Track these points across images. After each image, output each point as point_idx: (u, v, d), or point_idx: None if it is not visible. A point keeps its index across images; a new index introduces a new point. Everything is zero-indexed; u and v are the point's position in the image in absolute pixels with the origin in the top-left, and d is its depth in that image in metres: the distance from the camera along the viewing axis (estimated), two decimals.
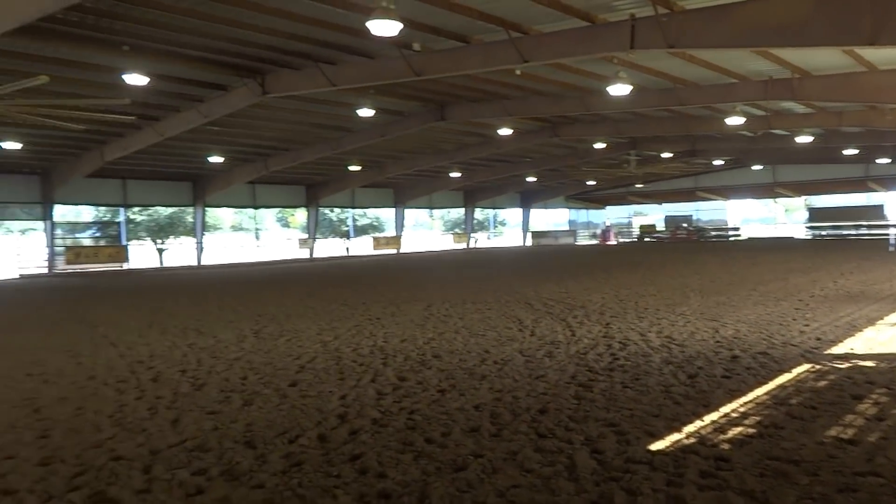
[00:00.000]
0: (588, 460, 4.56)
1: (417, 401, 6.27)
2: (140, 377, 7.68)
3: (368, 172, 35.93)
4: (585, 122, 26.81)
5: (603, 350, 8.41)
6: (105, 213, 37.54)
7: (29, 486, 4.43)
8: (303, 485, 4.30)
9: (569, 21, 13.48)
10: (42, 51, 14.70)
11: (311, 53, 15.89)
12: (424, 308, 13.12)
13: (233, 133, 25.09)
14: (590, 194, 54.11)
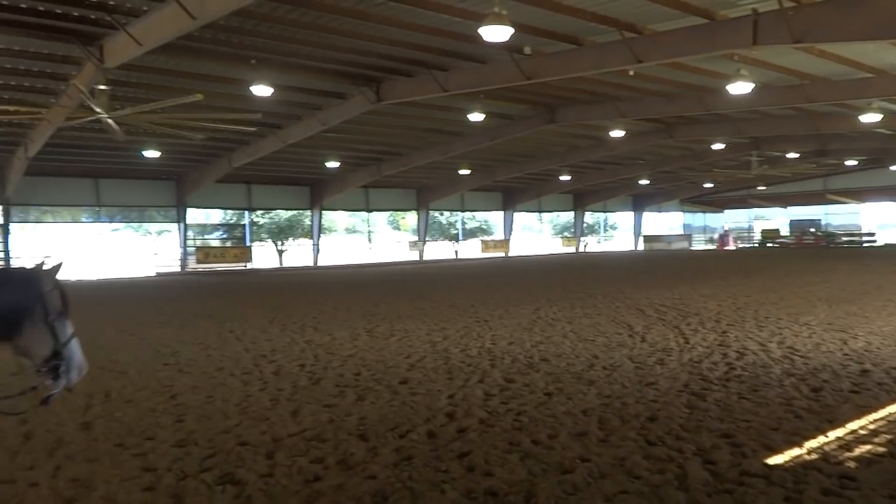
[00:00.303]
0: (700, 471, 4.45)
1: (524, 403, 6.31)
2: (263, 370, 8.17)
3: (478, 176, 36.22)
4: (703, 122, 25.79)
5: (718, 359, 8.10)
6: (231, 215, 39.91)
7: (167, 465, 4.85)
8: (412, 478, 4.46)
9: (686, 19, 13.07)
10: (178, 66, 15.96)
11: (424, 61, 16.27)
12: (532, 311, 13.11)
13: (348, 139, 26.05)
14: (707, 197, 51.88)
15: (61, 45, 14.09)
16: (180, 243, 33.04)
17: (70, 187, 29.58)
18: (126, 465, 4.87)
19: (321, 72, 17.01)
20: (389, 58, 16.15)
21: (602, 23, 13.25)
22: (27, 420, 6.10)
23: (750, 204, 51.92)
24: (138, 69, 15.58)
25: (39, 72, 15.96)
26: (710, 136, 28.41)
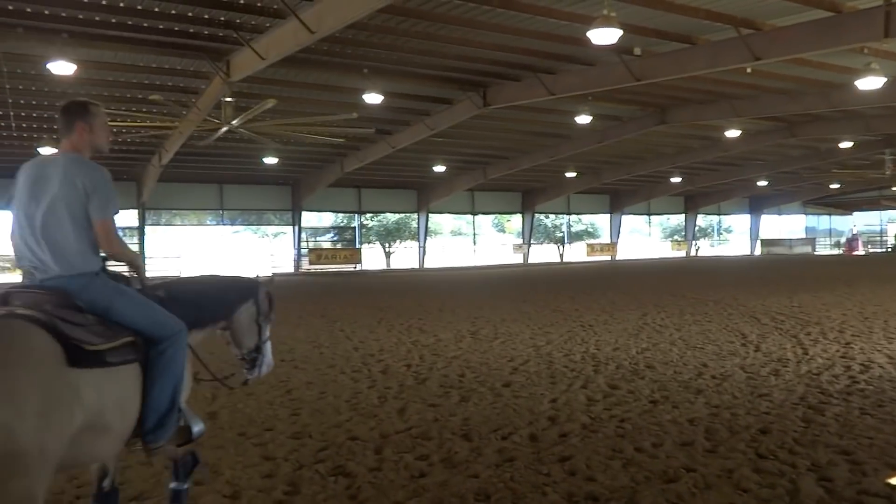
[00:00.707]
0: (814, 487, 4.27)
1: (628, 410, 6.25)
2: (371, 369, 8.50)
3: (584, 178, 35.77)
4: (828, 119, 24.27)
5: (840, 371, 7.67)
6: (342, 218, 41.47)
7: (284, 455, 5.19)
8: (514, 479, 4.55)
9: (810, 12, 12.42)
10: (297, 77, 16.84)
11: (531, 64, 16.34)
12: (639, 317, 12.85)
13: (455, 143, 26.47)
14: (833, 199, 48.66)
15: (192, 61, 15.23)
16: (294, 245, 34.67)
17: (197, 193, 31.81)
18: (248, 454, 5.24)
19: (429, 78, 17.45)
20: (496, 63, 16.34)
21: (717, 20, 12.83)
22: None
23: (882, 206, 48.22)
24: (260, 81, 16.56)
25: (173, 86, 17.30)
26: (836, 135, 26.69)
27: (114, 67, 15.82)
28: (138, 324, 3.15)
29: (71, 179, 3.11)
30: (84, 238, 3.13)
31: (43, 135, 20.96)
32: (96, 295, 3.11)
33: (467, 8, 12.46)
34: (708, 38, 14.09)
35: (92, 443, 2.88)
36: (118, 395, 2.99)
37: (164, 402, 3.21)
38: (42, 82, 16.45)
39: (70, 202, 3.09)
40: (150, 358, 3.17)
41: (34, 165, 3.29)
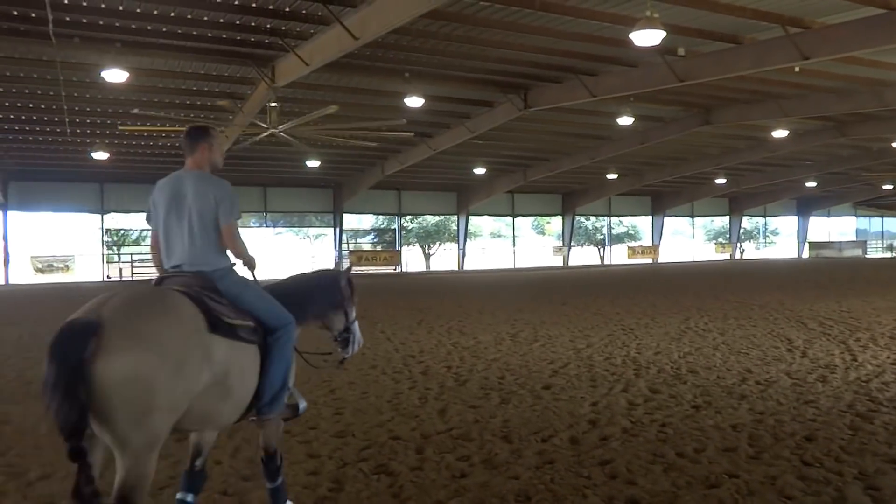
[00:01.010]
0: (861, 496, 4.21)
1: (670, 414, 6.22)
2: (412, 370, 8.61)
3: (626, 180, 35.40)
4: (881, 118, 23.56)
5: (890, 379, 7.48)
6: (382, 220, 41.84)
7: (328, 453, 5.31)
8: (555, 481, 4.59)
9: (860, 10, 12.12)
10: (339, 82, 17.10)
11: (573, 66, 16.29)
12: (681, 321, 12.70)
13: (495, 145, 26.49)
14: (885, 200, 47.15)
15: (238, 67, 15.60)
16: (335, 247, 35.12)
17: (242, 195, 32.27)
18: (293, 451, 5.38)
19: (470, 81, 17.53)
20: (537, 65, 16.34)
21: (763, 19, 12.62)
22: None
23: None
24: (303, 86, 16.86)
25: (220, 92, 17.73)
26: (890, 134, 25.89)
27: (163, 74, 16.31)
28: (259, 312, 3.70)
29: (203, 192, 3.73)
30: (216, 239, 3.75)
31: (96, 140, 21.69)
32: (229, 285, 3.70)
33: (509, 11, 12.50)
34: (754, 37, 13.85)
35: (215, 404, 3.33)
36: (241, 365, 3.47)
37: (278, 380, 3.73)
38: (96, 90, 17.03)
39: (203, 211, 3.71)
40: (267, 343, 3.68)
41: (168, 183, 3.85)
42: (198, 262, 3.68)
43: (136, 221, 32.69)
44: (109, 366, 2.82)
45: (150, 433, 2.95)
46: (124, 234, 33.22)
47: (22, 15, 12.51)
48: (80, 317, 2.94)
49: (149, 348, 2.93)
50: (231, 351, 3.37)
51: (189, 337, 3.13)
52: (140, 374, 2.86)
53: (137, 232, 34.13)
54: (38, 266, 29.76)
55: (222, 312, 3.41)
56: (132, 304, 3.07)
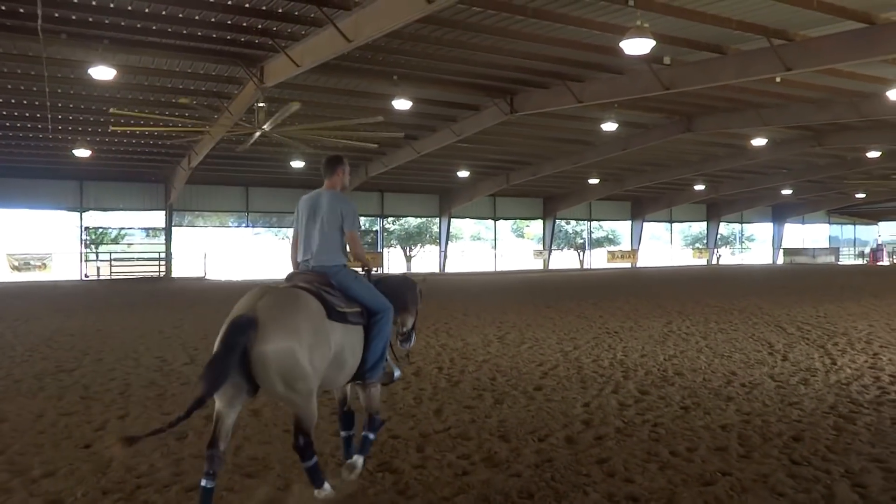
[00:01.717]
0: (849, 493, 4.40)
1: (660, 415, 6.39)
2: (403, 370, 8.61)
3: (607, 185, 35.78)
4: (857, 128, 24.13)
5: (869, 382, 7.74)
6: (364, 222, 41.82)
7: (330, 452, 5.39)
8: (555, 479, 4.72)
9: (843, 24, 12.46)
10: (328, 83, 17.14)
11: (560, 72, 16.49)
12: (664, 325, 12.92)
13: (479, 149, 26.66)
14: (858, 208, 48.19)
15: (226, 66, 15.57)
16: None
17: (224, 195, 32.30)
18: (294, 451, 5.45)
19: (458, 85, 17.66)
20: (525, 70, 16.52)
21: (748, 30, 12.91)
22: (207, 405, 6.94)
23: None
24: (290, 87, 16.86)
25: (207, 91, 17.67)
26: (864, 144, 26.53)
27: (151, 72, 16.21)
28: (365, 300, 4.71)
29: (333, 206, 4.85)
30: (339, 244, 4.84)
31: (78, 137, 21.47)
32: (343, 279, 4.71)
33: (501, 17, 12.65)
34: (739, 47, 14.16)
35: (336, 372, 4.45)
36: (352, 343, 4.53)
37: (378, 353, 4.76)
38: (80, 86, 16.88)
39: (332, 221, 4.81)
40: (370, 324, 4.68)
41: (310, 198, 5.02)
42: (322, 258, 4.76)
43: (116, 219, 32.39)
44: (266, 350, 3.90)
45: (302, 392, 4.07)
46: (103, 233, 32.82)
47: (10, 10, 12.39)
48: (241, 314, 3.99)
49: (290, 336, 3.99)
50: (344, 332, 4.44)
51: (316, 326, 4.21)
52: (287, 355, 3.94)
53: (116, 230, 33.77)
54: (15, 264, 29.32)
55: (336, 303, 4.44)
56: (276, 303, 4.14)
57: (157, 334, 11.98)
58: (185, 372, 8.64)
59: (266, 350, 3.90)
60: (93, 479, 4.77)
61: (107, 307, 17.00)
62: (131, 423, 6.20)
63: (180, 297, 20.02)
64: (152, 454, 5.32)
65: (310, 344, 4.08)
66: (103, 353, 10.02)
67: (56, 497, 4.49)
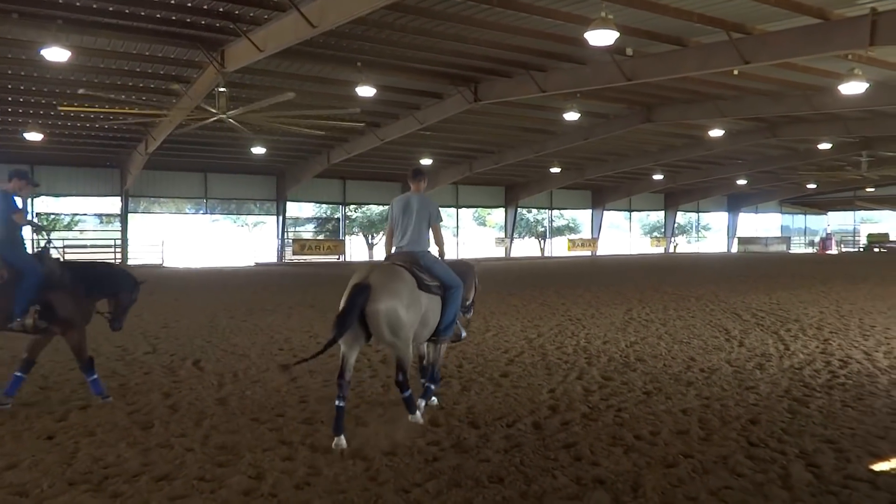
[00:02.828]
0: (803, 472, 4.60)
1: (624, 400, 6.56)
2: (370, 358, 8.72)
3: (568, 174, 36.13)
4: (810, 121, 24.81)
5: (820, 366, 8.05)
6: (326, 209, 41.42)
7: (300, 440, 5.40)
8: (524, 463, 4.82)
9: (798, 19, 12.78)
10: (290, 69, 16.92)
11: (524, 62, 16.57)
12: (624, 312, 13.19)
13: (443, 137, 26.64)
14: (809, 198, 49.66)
15: (186, 50, 15.24)
16: (278, 235, 34.63)
17: (182, 181, 31.63)
18: (264, 438, 5.45)
19: (422, 73, 17.60)
20: (489, 59, 16.55)
21: (708, 24, 13.14)
22: (171, 394, 6.87)
23: (856, 206, 49.34)
24: (252, 72, 16.60)
25: (165, 74, 17.26)
26: (816, 136, 27.31)
27: (107, 55, 15.74)
28: (443, 277, 6.08)
29: (423, 206, 6.22)
30: (426, 234, 6.23)
31: (29, 120, 20.79)
32: (428, 260, 6.10)
33: (466, 6, 12.64)
34: (699, 40, 14.42)
35: (422, 329, 5.86)
36: (433, 308, 5.95)
37: (451, 317, 6.19)
38: (32, 67, 16.33)
39: (420, 216, 6.17)
40: (446, 295, 6.06)
41: (402, 198, 6.35)
42: (413, 245, 6.13)
43: (69, 205, 31.50)
44: (377, 308, 5.39)
45: (402, 339, 5.58)
46: (56, 219, 31.90)
47: None
48: (359, 281, 5.48)
49: (394, 298, 5.47)
50: (428, 300, 5.86)
51: (412, 292, 5.65)
52: (392, 311, 5.44)
53: (69, 217, 32.85)
54: None
55: (423, 278, 5.86)
56: (384, 274, 5.62)
57: None
58: (148, 361, 8.52)
59: (378, 308, 5.39)
60: (58, 471, 4.69)
61: None
62: (94, 414, 6.11)
63: None
64: (119, 444, 5.26)
65: (407, 304, 5.53)
66: (60, 343, 9.78)
67: (21, 489, 4.41)
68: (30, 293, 6.16)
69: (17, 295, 6.08)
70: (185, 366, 8.26)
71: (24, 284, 6.12)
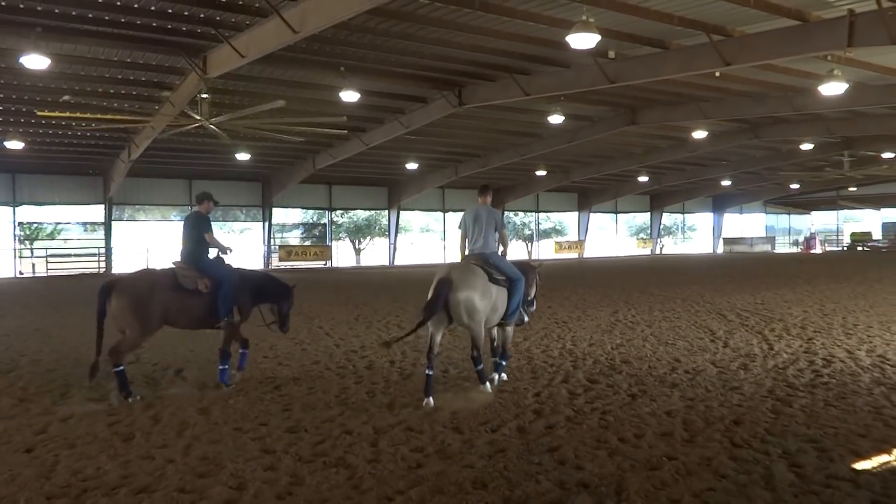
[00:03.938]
0: (786, 473, 4.61)
1: (609, 403, 6.56)
2: (356, 365, 8.68)
3: (554, 177, 36.22)
4: (791, 122, 25.01)
5: (804, 366, 8.10)
6: (312, 215, 41.28)
7: (283, 448, 5.35)
8: (508, 468, 4.80)
9: (778, 21, 12.89)
10: (273, 74, 16.85)
11: (507, 65, 16.59)
12: (611, 314, 13.22)
13: (428, 141, 26.62)
14: (792, 198, 50.04)
15: (168, 56, 15.14)
16: (264, 241, 34.47)
17: (166, 188, 31.39)
18: (247, 447, 5.40)
19: (406, 77, 17.59)
20: (473, 63, 16.56)
21: (689, 26, 13.22)
22: (153, 404, 6.80)
23: (839, 206, 49.79)
24: (234, 77, 16.51)
25: (147, 81, 17.14)
26: (798, 136, 27.54)
27: (87, 62, 15.60)
28: (509, 273, 7.33)
29: (490, 215, 7.49)
30: (495, 238, 7.47)
31: (9, 128, 20.57)
32: (496, 259, 7.38)
33: (448, 10, 12.63)
34: (680, 42, 14.51)
35: (492, 314, 7.10)
36: (501, 297, 7.18)
37: (515, 305, 7.40)
38: (11, 75, 16.16)
39: (489, 224, 7.42)
40: (511, 287, 7.28)
41: (473, 209, 7.59)
42: (483, 248, 7.37)
43: (52, 214, 31.18)
44: (457, 297, 6.70)
45: (477, 322, 6.87)
46: (38, 228, 31.58)
47: None
48: (443, 276, 6.77)
49: (471, 289, 6.78)
50: (497, 291, 7.12)
51: (485, 284, 6.95)
52: (469, 300, 6.75)
53: (52, 225, 32.53)
54: None
55: (493, 273, 7.14)
56: (462, 271, 6.94)
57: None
58: (130, 371, 8.41)
59: (458, 297, 6.73)
60: (36, 485, 4.62)
61: (44, 305, 16.40)
62: (75, 426, 6.03)
63: None
64: (99, 456, 5.19)
65: (481, 294, 6.86)
66: (42, 354, 9.69)
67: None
68: (230, 298, 7.47)
69: (220, 300, 7.38)
70: (168, 375, 8.18)
71: (224, 291, 7.41)
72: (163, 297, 7.08)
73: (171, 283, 7.20)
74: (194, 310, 7.30)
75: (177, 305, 7.19)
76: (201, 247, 7.61)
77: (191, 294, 7.27)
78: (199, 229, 7.65)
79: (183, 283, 7.25)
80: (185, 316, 7.30)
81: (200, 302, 7.31)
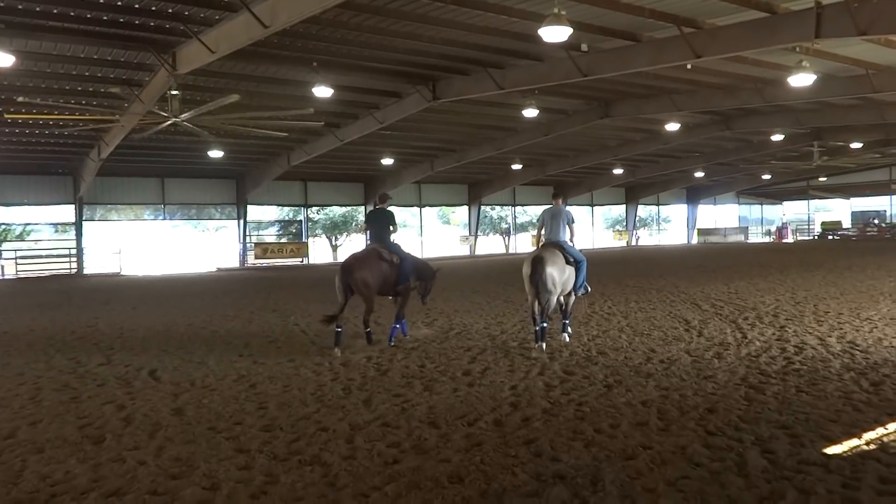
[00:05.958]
0: (759, 459, 4.66)
1: (585, 394, 6.58)
2: (332, 361, 8.62)
3: (530, 170, 36.34)
4: (762, 113, 25.33)
5: (776, 353, 8.20)
6: (287, 212, 40.96)
7: (258, 447, 5.29)
8: (484, 462, 4.80)
9: (747, 13, 13.02)
10: (245, 70, 16.65)
11: (481, 59, 16.57)
12: (587, 306, 13.28)
13: (403, 136, 26.53)
14: (764, 189, 50.73)
15: (136, 53, 14.89)
16: (240, 239, 34.14)
17: (138, 187, 30.93)
18: (221, 447, 5.33)
19: (379, 72, 17.50)
20: (446, 57, 16.52)
21: (660, 19, 13.30)
22: (125, 406, 6.69)
23: (810, 195, 50.58)
24: (206, 73, 16.30)
25: (115, 78, 16.84)
26: (769, 128, 27.91)
27: (53, 59, 15.30)
28: (575, 255, 9.33)
29: (565, 214, 9.59)
30: (565, 230, 9.51)
31: None
32: (567, 246, 9.36)
33: (420, 4, 12.57)
34: (651, 35, 14.59)
35: (566, 285, 9.24)
36: (571, 273, 9.27)
37: (581, 279, 9.49)
38: None
39: (562, 219, 9.50)
40: (577, 266, 9.34)
41: (550, 209, 9.65)
42: (558, 237, 9.35)
43: (20, 215, 30.56)
44: (547, 271, 8.74)
45: (556, 291, 8.92)
46: (6, 229, 30.96)
47: None
48: (536, 256, 8.88)
49: (555, 266, 8.83)
50: (569, 268, 9.13)
51: (564, 263, 9.01)
52: (552, 274, 8.78)
53: (21, 226, 31.91)
54: None
55: (566, 255, 9.11)
56: (549, 252, 8.96)
57: (69, 335, 11.43)
58: (101, 373, 8.29)
59: (547, 271, 8.67)
60: (3, 491, 4.52)
61: (13, 308, 16.08)
62: (44, 430, 5.91)
63: (94, 295, 19.12)
64: (68, 460, 5.09)
65: (560, 270, 8.85)
66: (10, 357, 9.50)
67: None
68: (409, 270, 9.95)
69: (400, 274, 9.77)
70: (141, 376, 8.05)
71: (405, 265, 9.86)
72: (379, 268, 9.56)
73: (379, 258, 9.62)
74: (391, 276, 9.69)
75: (384, 274, 9.62)
76: (388, 233, 10.05)
77: (388, 265, 9.67)
78: (390, 221, 10.12)
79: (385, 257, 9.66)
80: (384, 282, 9.65)
81: (391, 272, 9.70)
